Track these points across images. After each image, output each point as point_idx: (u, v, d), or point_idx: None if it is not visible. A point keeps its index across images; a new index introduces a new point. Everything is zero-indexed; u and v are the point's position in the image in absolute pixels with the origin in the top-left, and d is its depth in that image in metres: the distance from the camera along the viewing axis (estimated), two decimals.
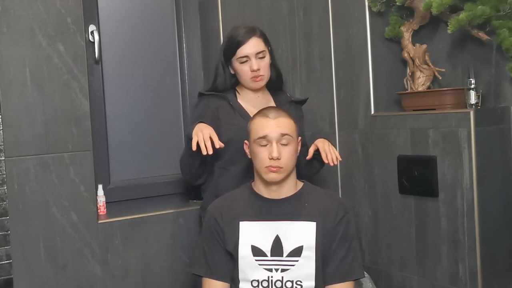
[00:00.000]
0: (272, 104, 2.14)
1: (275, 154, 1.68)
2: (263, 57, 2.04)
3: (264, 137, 1.70)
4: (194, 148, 1.85)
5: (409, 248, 2.19)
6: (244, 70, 2.04)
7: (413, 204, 2.16)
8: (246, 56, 2.02)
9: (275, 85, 2.16)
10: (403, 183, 2.18)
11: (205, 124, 1.93)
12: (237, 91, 2.11)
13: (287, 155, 1.71)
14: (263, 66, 2.04)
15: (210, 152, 1.84)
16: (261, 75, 2.04)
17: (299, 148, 1.80)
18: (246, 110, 2.05)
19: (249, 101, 2.09)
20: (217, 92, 2.09)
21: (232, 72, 2.09)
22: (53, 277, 2.10)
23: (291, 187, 1.77)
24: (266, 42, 2.08)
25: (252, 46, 2.02)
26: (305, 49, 2.57)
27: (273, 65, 2.13)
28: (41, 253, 2.07)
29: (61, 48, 2.11)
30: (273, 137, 1.70)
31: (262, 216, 1.74)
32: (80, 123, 2.14)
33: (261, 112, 1.77)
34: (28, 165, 2.05)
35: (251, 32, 2.04)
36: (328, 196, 1.83)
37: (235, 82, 2.10)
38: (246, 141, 1.81)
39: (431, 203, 2.09)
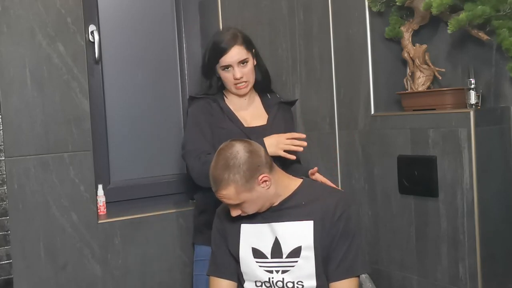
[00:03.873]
0: (260, 106, 2.12)
1: (234, 215, 1.71)
2: (246, 64, 2.03)
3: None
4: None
5: (409, 248, 2.19)
6: (227, 78, 2.04)
7: (413, 204, 2.16)
8: (229, 65, 2.02)
9: (262, 87, 2.15)
10: (403, 183, 2.18)
11: (273, 136, 1.98)
12: (225, 95, 2.11)
13: (248, 207, 1.69)
14: (246, 73, 2.03)
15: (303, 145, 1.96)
16: (244, 82, 2.04)
17: (266, 183, 1.67)
18: (235, 113, 2.06)
19: (236, 104, 2.09)
20: (207, 95, 2.09)
21: (218, 76, 2.09)
22: (53, 277, 2.10)
23: (285, 189, 1.74)
24: (249, 47, 2.05)
25: (234, 55, 2.01)
26: (305, 49, 2.57)
27: (259, 67, 2.11)
28: (41, 253, 2.07)
29: (61, 48, 2.11)
30: (228, 204, 1.71)
31: (261, 218, 1.74)
32: (80, 123, 2.14)
33: (211, 173, 1.69)
34: (28, 165, 2.05)
35: (233, 40, 2.01)
36: (328, 192, 1.80)
37: (222, 85, 2.11)
38: None
39: (431, 203, 2.09)
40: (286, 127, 2.09)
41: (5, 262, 2.02)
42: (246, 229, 1.75)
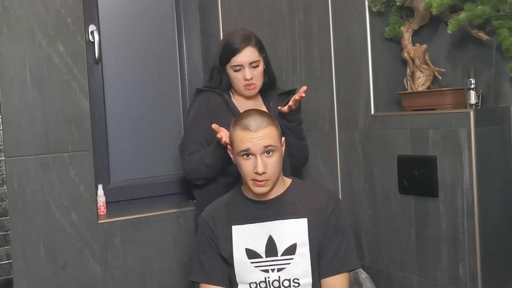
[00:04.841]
0: (261, 105, 2.16)
1: (260, 170, 1.63)
2: (257, 66, 2.07)
3: (246, 151, 1.65)
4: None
5: (409, 248, 2.19)
6: (237, 78, 2.07)
7: (413, 204, 2.16)
8: (240, 65, 2.04)
9: (266, 89, 2.20)
10: (403, 183, 2.18)
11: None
12: (232, 93, 2.14)
13: (272, 166, 1.66)
14: (256, 75, 2.07)
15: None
16: (254, 84, 2.08)
17: (283, 149, 1.75)
18: (240, 111, 2.08)
19: (242, 103, 2.13)
20: (214, 89, 2.11)
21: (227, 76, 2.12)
22: (53, 277, 2.10)
23: (279, 187, 1.76)
24: (261, 50, 2.10)
25: (247, 55, 2.04)
26: (305, 49, 2.57)
27: (267, 71, 2.15)
28: (41, 253, 2.08)
29: (61, 48, 2.11)
30: (256, 151, 1.64)
31: (253, 218, 1.74)
32: (80, 123, 2.14)
33: (242, 121, 1.69)
34: (28, 165, 2.05)
35: (247, 41, 2.06)
36: (318, 190, 1.83)
37: (230, 84, 2.13)
38: (229, 147, 1.76)
39: (431, 203, 2.09)
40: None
41: (5, 262, 2.02)
42: (237, 230, 1.74)
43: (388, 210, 2.26)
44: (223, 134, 1.88)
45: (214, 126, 1.92)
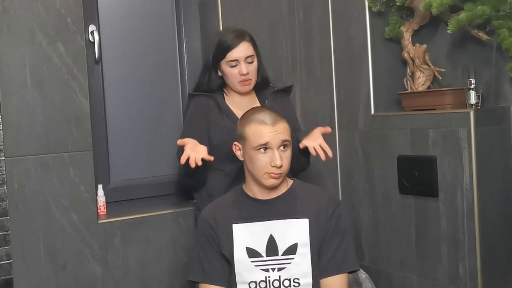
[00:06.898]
0: (257, 103, 2.15)
1: (278, 163, 1.66)
2: (252, 62, 2.08)
3: (265, 145, 1.68)
4: (182, 162, 1.86)
5: (409, 248, 2.19)
6: (233, 74, 2.06)
7: (413, 204, 2.16)
8: (236, 60, 2.05)
9: (260, 88, 2.19)
10: (403, 183, 2.18)
11: (196, 142, 1.93)
12: (225, 93, 2.14)
13: (287, 159, 1.71)
14: (251, 70, 2.07)
15: (199, 163, 1.84)
16: (249, 79, 2.07)
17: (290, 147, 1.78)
18: (233, 111, 2.09)
19: (236, 103, 2.13)
20: (206, 93, 2.11)
21: (219, 74, 2.11)
22: (53, 277, 2.10)
23: (282, 186, 1.77)
24: (255, 46, 2.11)
25: (242, 50, 2.04)
26: (305, 49, 2.57)
27: (260, 70, 2.15)
28: (41, 253, 2.08)
29: (61, 48, 2.11)
30: (274, 145, 1.67)
31: (254, 217, 1.74)
32: (80, 123, 2.14)
33: (255, 116, 1.72)
34: (28, 165, 2.05)
35: (241, 36, 2.06)
36: (319, 191, 1.84)
37: (222, 84, 2.13)
38: (236, 143, 1.77)
39: (431, 203, 2.09)
40: (284, 112, 2.10)
41: (5, 262, 2.02)
42: (238, 229, 1.74)
43: (388, 210, 2.26)
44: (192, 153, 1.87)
45: (179, 142, 1.92)
